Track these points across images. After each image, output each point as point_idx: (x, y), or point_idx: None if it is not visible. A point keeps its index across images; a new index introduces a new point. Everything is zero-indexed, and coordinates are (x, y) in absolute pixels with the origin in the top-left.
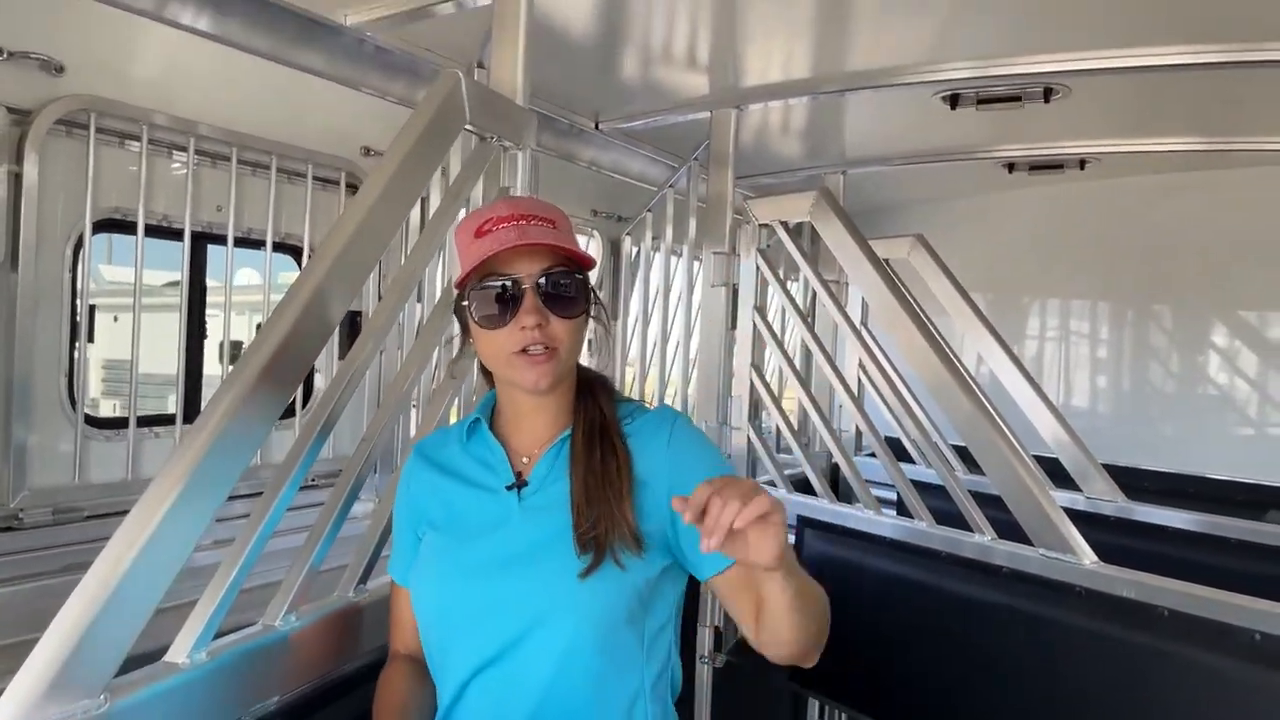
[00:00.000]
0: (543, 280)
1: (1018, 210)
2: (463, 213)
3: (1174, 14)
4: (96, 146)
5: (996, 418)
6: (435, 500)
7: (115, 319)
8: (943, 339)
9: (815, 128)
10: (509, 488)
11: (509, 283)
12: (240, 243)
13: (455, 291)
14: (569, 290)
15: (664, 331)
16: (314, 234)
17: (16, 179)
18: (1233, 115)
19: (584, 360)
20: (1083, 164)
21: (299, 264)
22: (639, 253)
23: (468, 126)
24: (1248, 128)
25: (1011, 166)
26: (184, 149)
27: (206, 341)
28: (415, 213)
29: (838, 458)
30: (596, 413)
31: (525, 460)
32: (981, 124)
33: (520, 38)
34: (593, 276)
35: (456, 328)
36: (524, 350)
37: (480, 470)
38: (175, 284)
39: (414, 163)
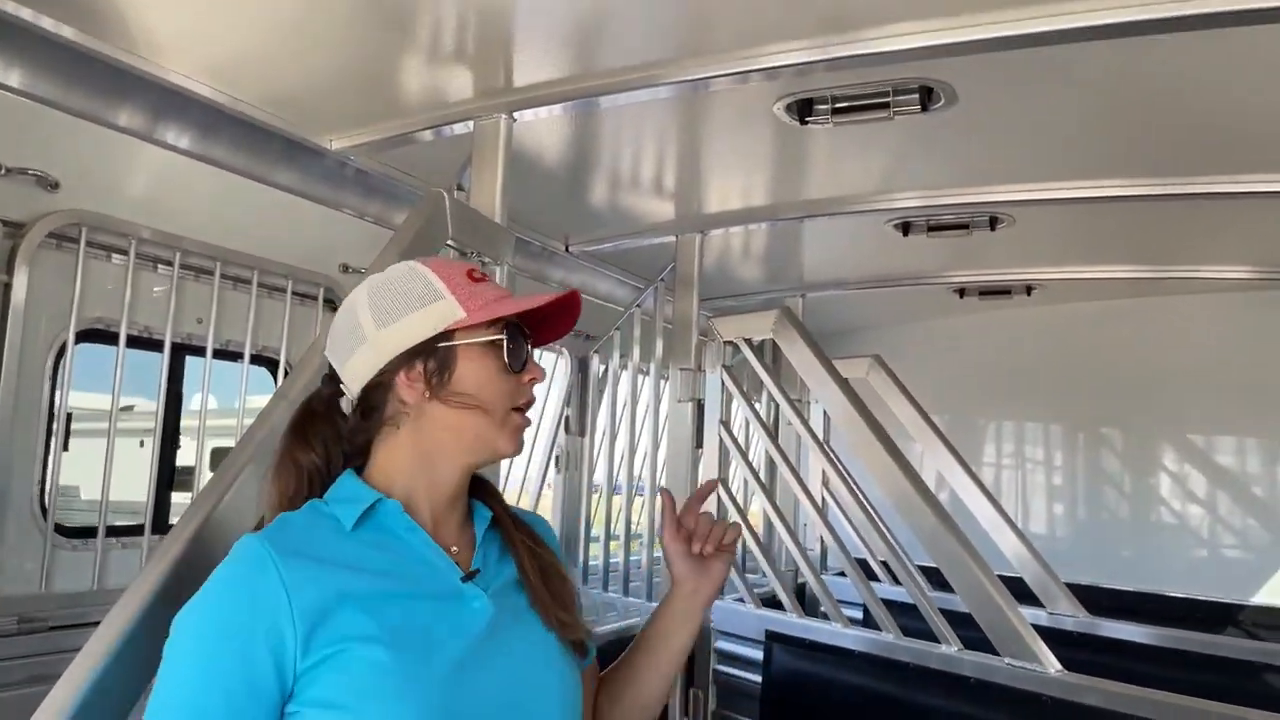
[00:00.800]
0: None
1: (970, 334)
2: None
3: (1110, 150)
4: (85, 259)
5: (961, 532)
6: (351, 607)
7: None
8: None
9: (775, 253)
10: (465, 579)
11: (526, 331)
12: (219, 354)
13: (434, 334)
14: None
15: (631, 446)
16: (291, 348)
17: (5, 289)
18: (1169, 245)
19: (551, 475)
20: (1029, 290)
21: (275, 377)
22: (606, 370)
23: (449, 242)
24: (1183, 257)
25: (962, 292)
26: (169, 263)
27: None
28: None
29: (805, 572)
30: (497, 496)
31: (454, 550)
32: (932, 251)
33: (500, 162)
34: (561, 381)
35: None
36: (518, 408)
37: (404, 561)
38: (128, 408)
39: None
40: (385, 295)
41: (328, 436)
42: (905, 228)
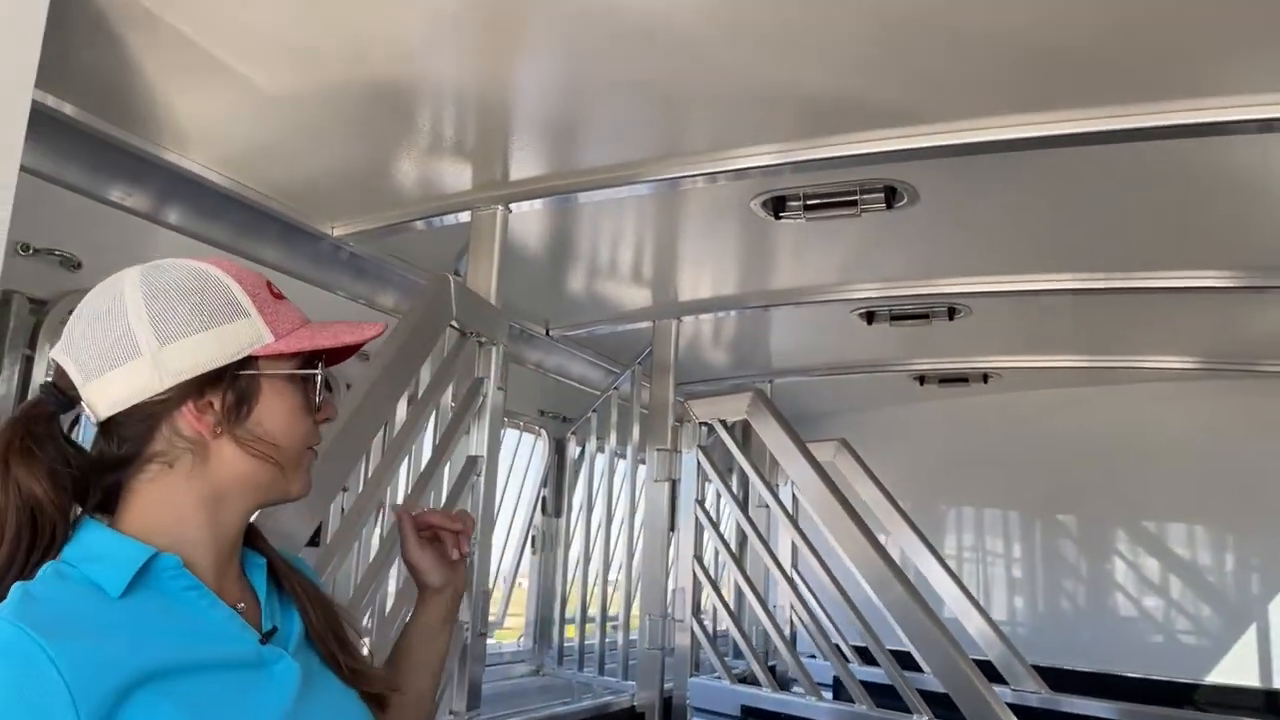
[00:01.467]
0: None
1: (930, 421)
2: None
3: (1061, 246)
4: None
5: (931, 610)
6: (146, 693)
7: None
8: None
9: (744, 339)
10: (263, 640)
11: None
12: None
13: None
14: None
15: (607, 525)
16: None
17: (28, 361)
18: (1117, 336)
19: (527, 558)
20: (985, 378)
21: None
22: (583, 451)
23: (452, 323)
24: (1131, 347)
25: (922, 379)
26: None
27: None
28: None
29: (779, 648)
30: (262, 536)
31: (241, 606)
32: (894, 339)
33: (495, 251)
34: (538, 463)
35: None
36: (312, 448)
37: (191, 628)
38: None
39: (407, 352)
40: (172, 300)
41: (54, 470)
42: (869, 317)
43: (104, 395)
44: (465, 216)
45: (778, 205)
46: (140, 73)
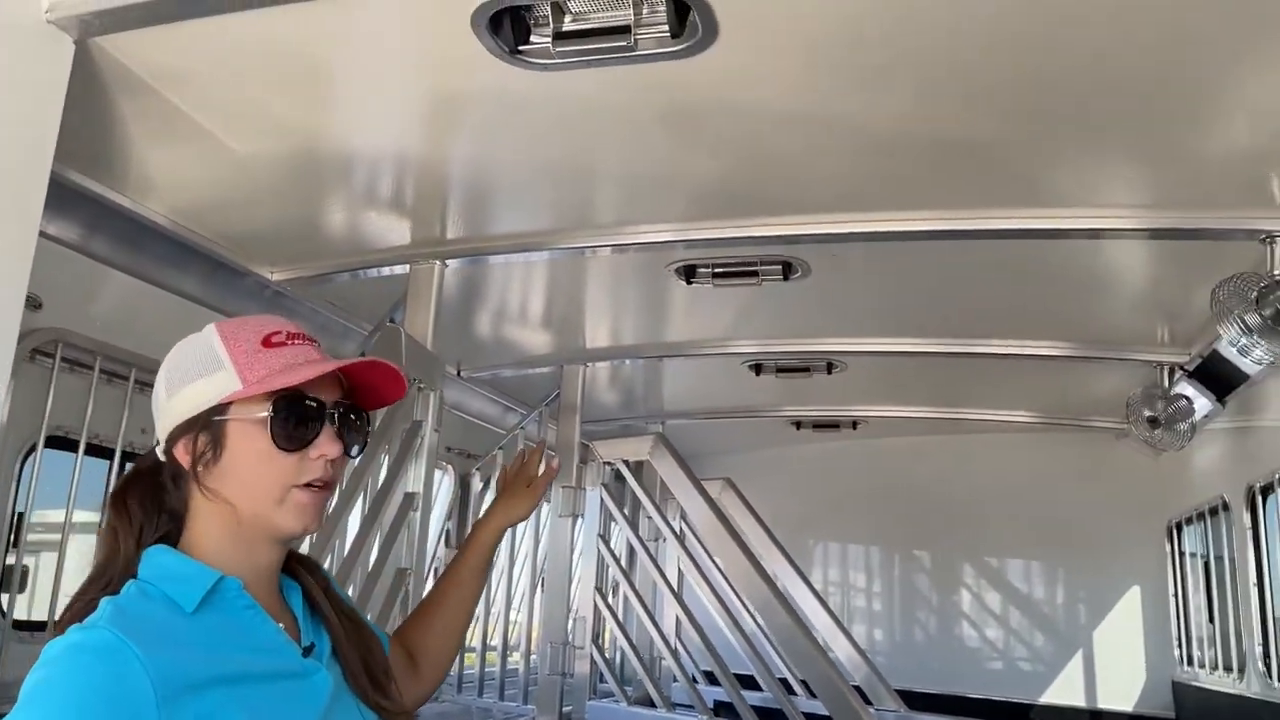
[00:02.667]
0: (339, 409)
1: (805, 463)
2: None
3: (924, 315)
4: (58, 373)
5: (810, 632)
6: (215, 694)
7: None
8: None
9: (641, 384)
10: (307, 651)
11: (314, 403)
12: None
13: (209, 406)
14: (359, 423)
15: (511, 556)
16: None
17: None
18: (965, 392)
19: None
20: (855, 425)
21: None
22: (486, 485)
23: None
24: (977, 402)
25: (799, 424)
26: (125, 378)
27: None
28: None
29: (674, 671)
30: (307, 564)
31: (282, 626)
32: (776, 388)
33: (432, 303)
34: (443, 498)
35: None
36: (308, 484)
37: (251, 642)
38: None
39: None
40: (176, 361)
41: (147, 500)
42: (758, 369)
43: (159, 440)
44: (401, 269)
45: (689, 272)
46: (123, 133)
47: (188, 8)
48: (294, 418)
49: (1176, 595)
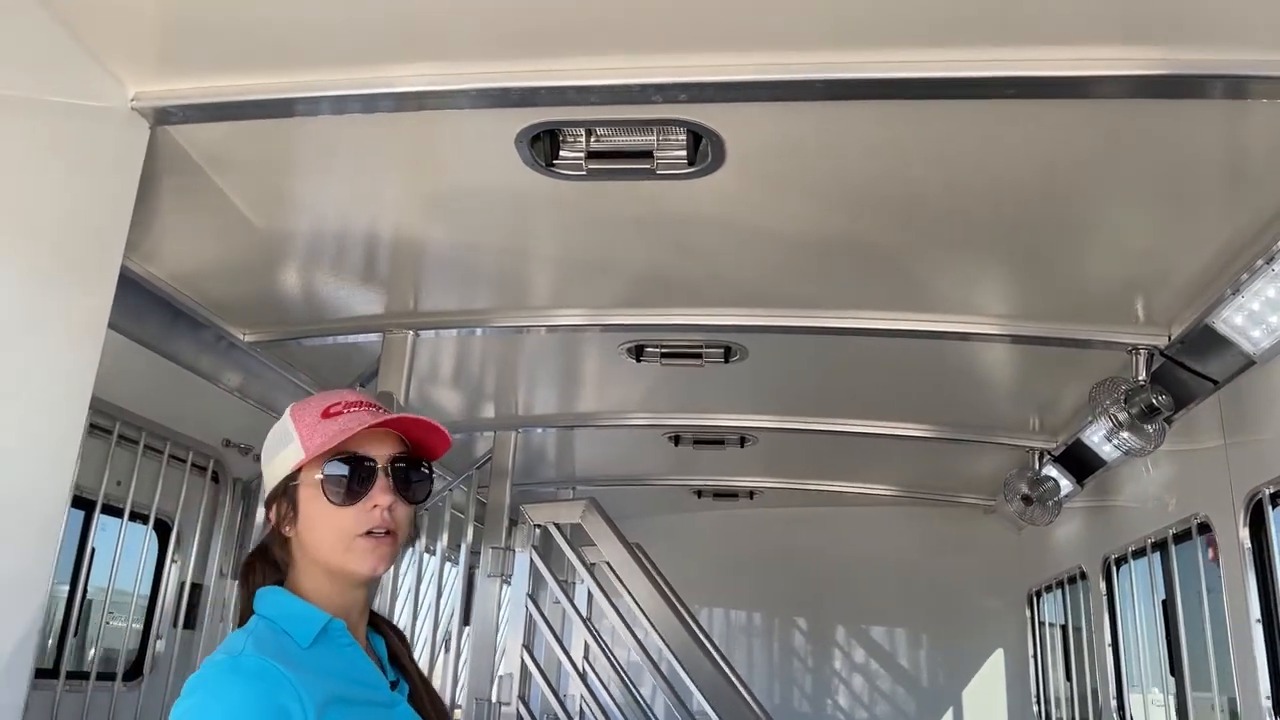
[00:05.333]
0: (395, 463)
1: (701, 529)
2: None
3: (825, 396)
4: None
5: (731, 678)
6: (336, 713)
7: None
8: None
9: (561, 451)
10: (393, 685)
11: (367, 461)
12: (110, 511)
13: (286, 474)
14: (416, 475)
15: (435, 620)
16: (183, 515)
17: None
18: (852, 468)
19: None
20: (752, 494)
21: (163, 544)
22: (413, 550)
23: None
24: (861, 477)
25: (700, 493)
26: (108, 431)
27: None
28: None
29: None
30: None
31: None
32: (681, 459)
33: (405, 370)
34: None
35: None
36: (369, 532)
37: (352, 673)
38: None
39: None
40: (268, 441)
41: (266, 565)
42: (677, 439)
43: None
44: (372, 337)
45: (638, 351)
46: (153, 205)
47: (265, 110)
48: (345, 475)
49: (1035, 657)
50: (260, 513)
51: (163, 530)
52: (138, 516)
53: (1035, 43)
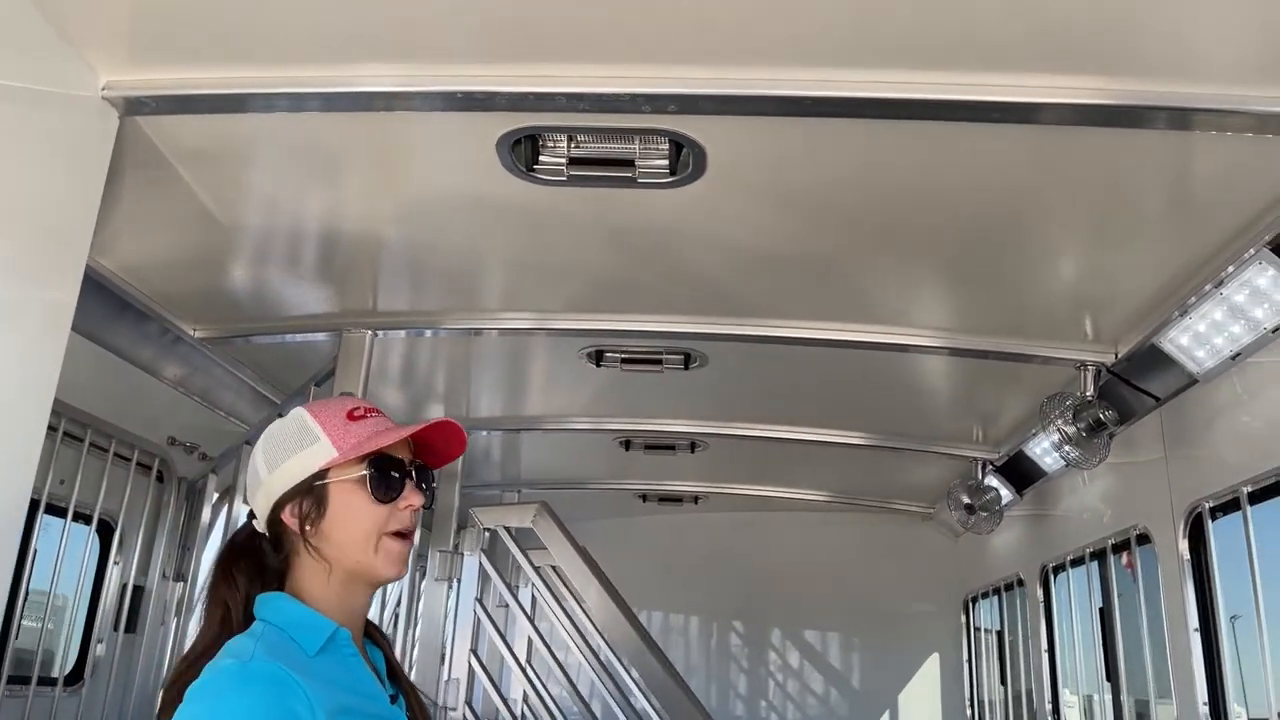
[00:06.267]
0: (419, 467)
1: (644, 534)
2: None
3: (777, 405)
4: None
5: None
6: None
7: None
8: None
9: (508, 454)
10: (392, 699)
11: (403, 462)
12: (52, 510)
13: (311, 473)
14: (429, 479)
15: (380, 621)
16: (126, 515)
17: None
18: (797, 474)
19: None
20: (696, 499)
21: (105, 545)
22: None
23: None
24: (804, 483)
25: (645, 497)
26: (54, 429)
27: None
28: None
29: None
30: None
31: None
32: (628, 463)
33: (362, 370)
34: None
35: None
36: (397, 533)
37: (356, 683)
38: None
39: None
40: (274, 441)
41: (250, 568)
42: (627, 444)
43: (258, 514)
44: (319, 336)
45: (599, 356)
46: (115, 195)
47: (237, 104)
48: (385, 475)
49: (970, 662)
50: (240, 513)
51: (105, 531)
52: (80, 517)
53: (985, 69)
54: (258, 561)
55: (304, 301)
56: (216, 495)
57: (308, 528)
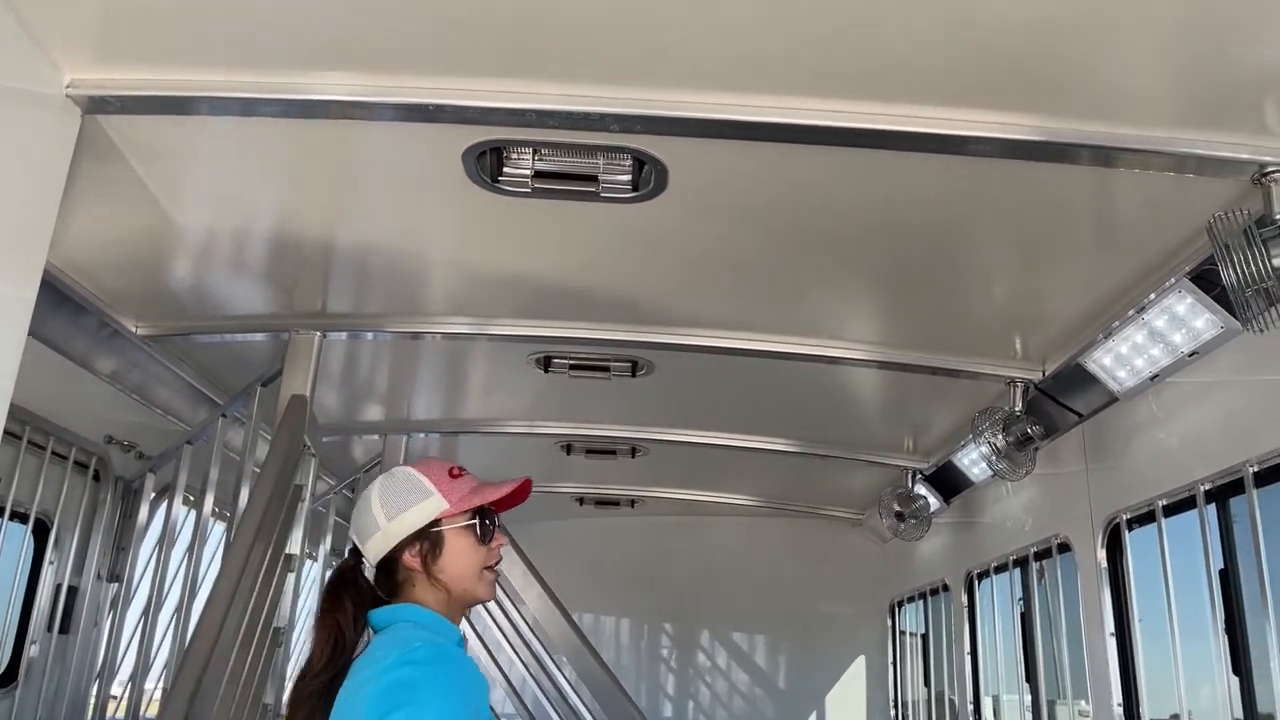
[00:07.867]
0: (496, 514)
1: (577, 537)
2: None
3: (715, 411)
4: None
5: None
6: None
7: None
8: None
9: (446, 455)
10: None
11: (494, 512)
12: None
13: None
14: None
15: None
16: (61, 514)
17: None
18: (727, 480)
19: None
20: (634, 503)
21: (40, 544)
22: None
23: (306, 439)
24: (735, 489)
25: (581, 500)
26: None
27: None
28: None
29: None
30: None
31: None
32: (567, 467)
33: (311, 370)
34: None
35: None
36: (490, 566)
37: (479, 681)
38: None
39: (286, 468)
40: (391, 494)
41: (354, 595)
42: (569, 448)
43: (371, 553)
44: (258, 337)
45: (547, 362)
46: (68, 194)
47: (198, 106)
48: (487, 522)
49: (894, 664)
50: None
51: (40, 530)
52: (16, 515)
53: (920, 102)
54: (358, 588)
55: (251, 301)
56: (154, 494)
57: (427, 563)
